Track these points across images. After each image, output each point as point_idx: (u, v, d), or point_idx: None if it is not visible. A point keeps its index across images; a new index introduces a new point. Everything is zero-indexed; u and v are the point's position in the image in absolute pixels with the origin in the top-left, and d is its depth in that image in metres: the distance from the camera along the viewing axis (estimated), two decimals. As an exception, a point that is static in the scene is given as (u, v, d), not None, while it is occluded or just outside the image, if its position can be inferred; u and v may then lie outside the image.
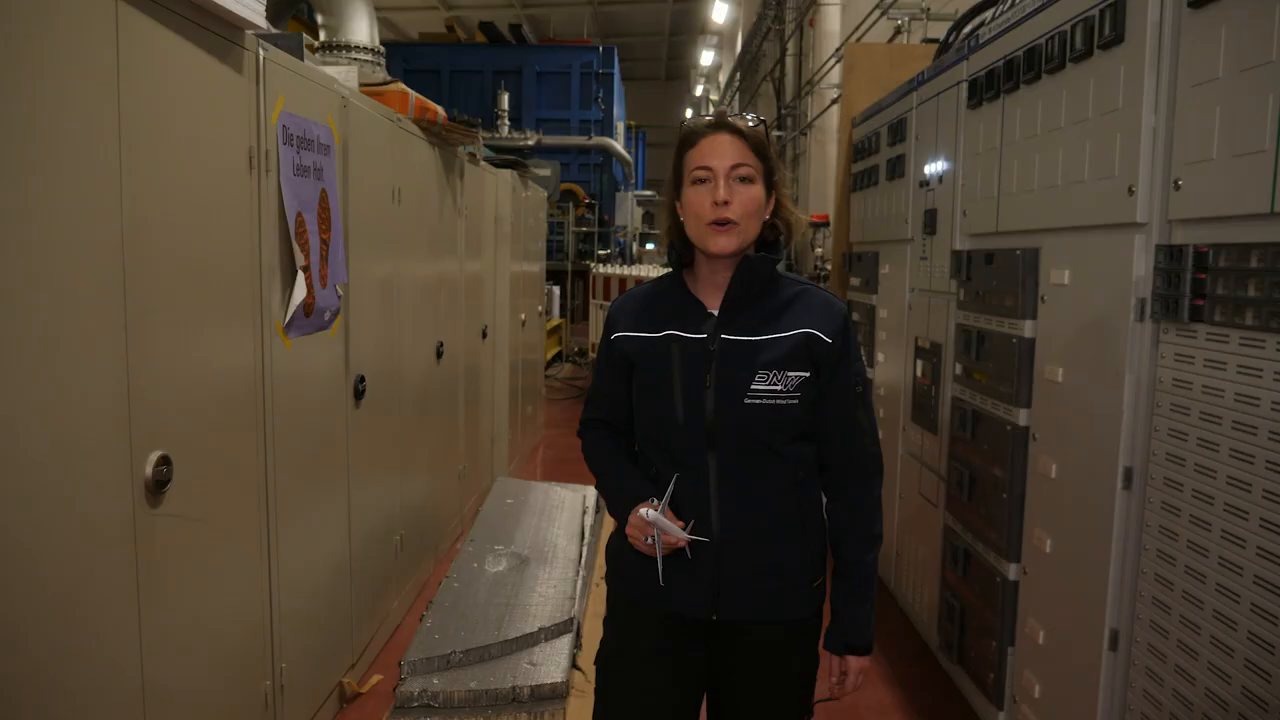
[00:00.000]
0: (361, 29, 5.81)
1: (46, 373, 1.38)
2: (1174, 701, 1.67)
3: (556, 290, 10.92)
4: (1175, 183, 1.69)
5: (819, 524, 1.61)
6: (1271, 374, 1.42)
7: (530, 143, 15.83)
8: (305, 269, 2.26)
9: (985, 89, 2.59)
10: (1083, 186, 2.02)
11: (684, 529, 1.48)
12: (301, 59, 2.33)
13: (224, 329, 1.95)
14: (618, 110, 19.04)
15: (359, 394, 2.77)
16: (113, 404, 1.53)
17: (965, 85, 2.77)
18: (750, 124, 1.51)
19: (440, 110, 3.50)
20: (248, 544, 2.09)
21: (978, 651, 2.61)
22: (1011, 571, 2.39)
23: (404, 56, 17.12)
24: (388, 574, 3.18)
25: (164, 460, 1.65)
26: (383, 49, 5.78)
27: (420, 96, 3.33)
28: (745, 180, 1.48)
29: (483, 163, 4.67)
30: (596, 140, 17.14)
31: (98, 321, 1.50)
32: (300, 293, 2.24)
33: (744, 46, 15.23)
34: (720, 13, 17.63)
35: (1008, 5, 2.66)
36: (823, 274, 6.06)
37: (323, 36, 4.74)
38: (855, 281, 4.28)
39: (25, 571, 1.34)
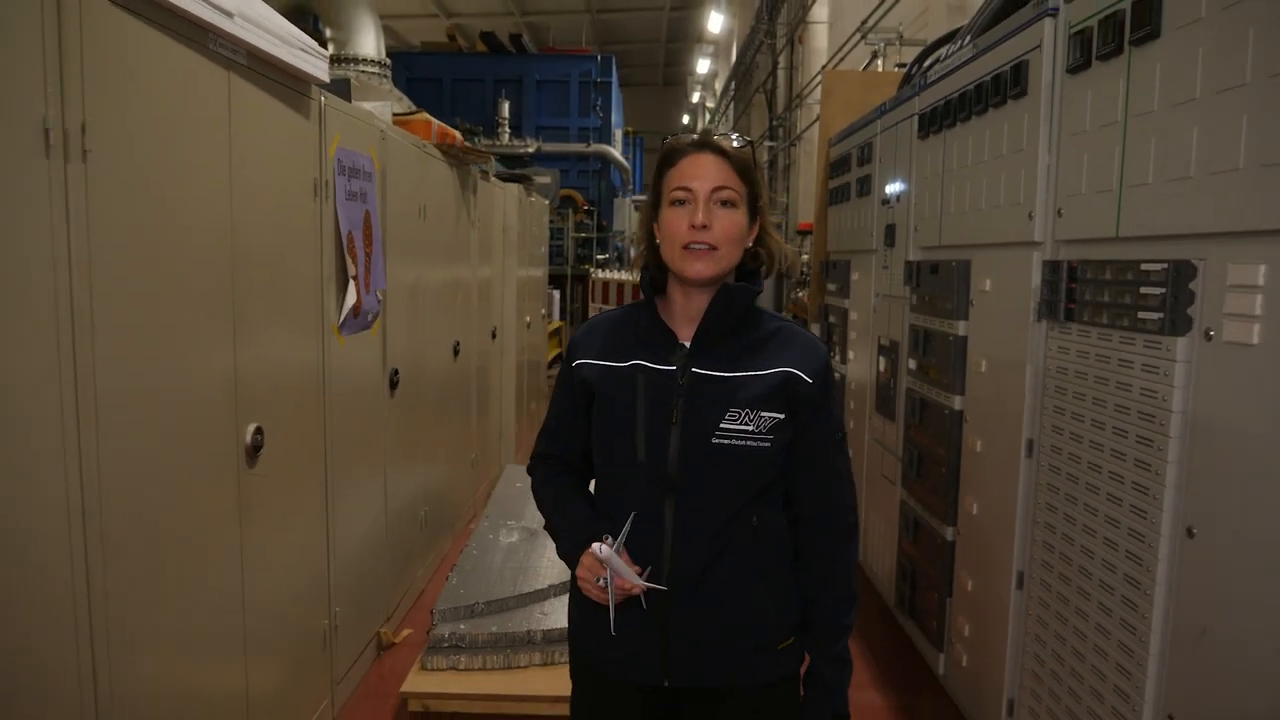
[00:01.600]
0: (369, 42, 6.21)
1: (186, 356, 1.82)
2: (1058, 621, 2.11)
3: (556, 294, 11.35)
4: (1058, 211, 2.13)
5: (786, 581, 1.48)
6: (1117, 360, 1.86)
7: (530, 150, 16.28)
8: (355, 277, 2.70)
9: (931, 123, 3.04)
10: (1000, 210, 2.46)
11: (640, 574, 1.36)
12: (349, 100, 2.78)
13: (296, 326, 2.39)
14: (616, 117, 19.48)
15: (393, 385, 3.21)
16: (225, 382, 1.97)
17: (916, 118, 3.21)
18: (736, 144, 1.42)
19: (458, 135, 3.94)
20: (313, 506, 2.53)
21: (924, 604, 3.05)
22: (949, 533, 2.83)
23: (407, 66, 17.49)
24: (414, 545, 3.62)
25: (259, 430, 2.09)
26: (389, 61, 6.18)
27: (441, 124, 3.77)
28: (727, 204, 1.38)
29: (492, 178, 5.11)
30: (595, 147, 17.58)
31: (218, 318, 1.94)
32: (351, 298, 2.67)
33: (738, 57, 15.69)
34: (716, 23, 18.08)
35: (957, 46, 3.11)
36: (808, 279, 6.50)
37: (331, 50, 5.03)
38: (831, 287, 4.72)
39: (161, 514, 1.77)
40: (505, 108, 16.85)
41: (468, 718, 2.73)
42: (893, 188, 3.57)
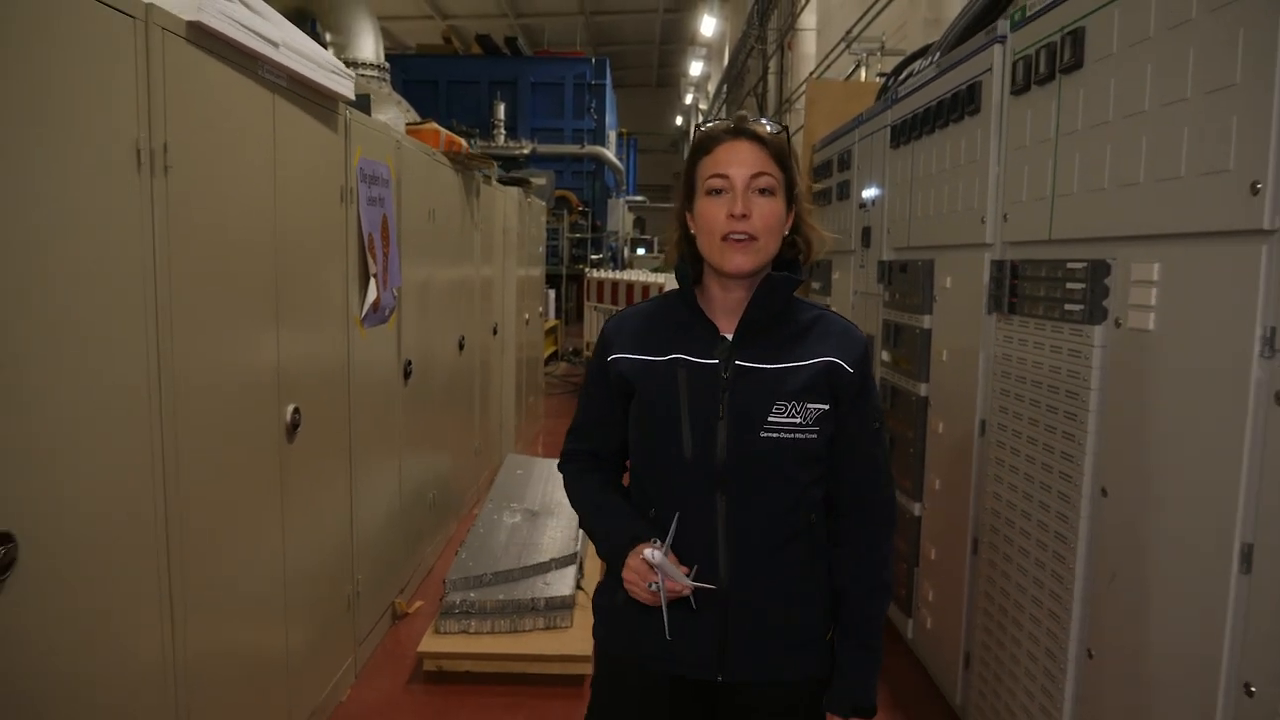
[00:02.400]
0: (368, 46, 6.46)
1: (240, 344, 2.09)
2: (1003, 579, 2.38)
3: (552, 293, 11.61)
4: (1004, 216, 2.41)
5: (827, 572, 1.47)
6: (1049, 347, 2.14)
7: (525, 151, 16.55)
8: (375, 275, 2.96)
9: (902, 134, 3.32)
10: (957, 215, 2.74)
11: (688, 574, 1.35)
12: (370, 114, 3.04)
13: (326, 319, 2.65)
14: (609, 119, 19.74)
15: (407, 375, 3.47)
16: (270, 367, 2.24)
17: (889, 129, 3.49)
18: (771, 131, 1.38)
19: (463, 142, 4.20)
20: (339, 482, 2.79)
21: (895, 575, 3.32)
22: (917, 509, 3.11)
23: (403, 68, 17.67)
24: (423, 525, 3.88)
25: (296, 410, 2.36)
26: (388, 65, 6.40)
27: (449, 133, 4.04)
28: (766, 192, 1.34)
29: (494, 181, 5.37)
30: (589, 149, 17.84)
31: (264, 310, 2.21)
32: (372, 294, 2.94)
33: (730, 60, 15.97)
34: (708, 26, 18.38)
35: (928, 62, 3.39)
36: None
37: (330, 54, 5.29)
38: (815, 285, 5.00)
39: (222, 485, 2.04)
40: (500, 110, 17.10)
41: (477, 676, 3.01)
42: (869, 193, 3.85)
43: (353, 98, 2.65)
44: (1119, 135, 1.83)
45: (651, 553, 1.32)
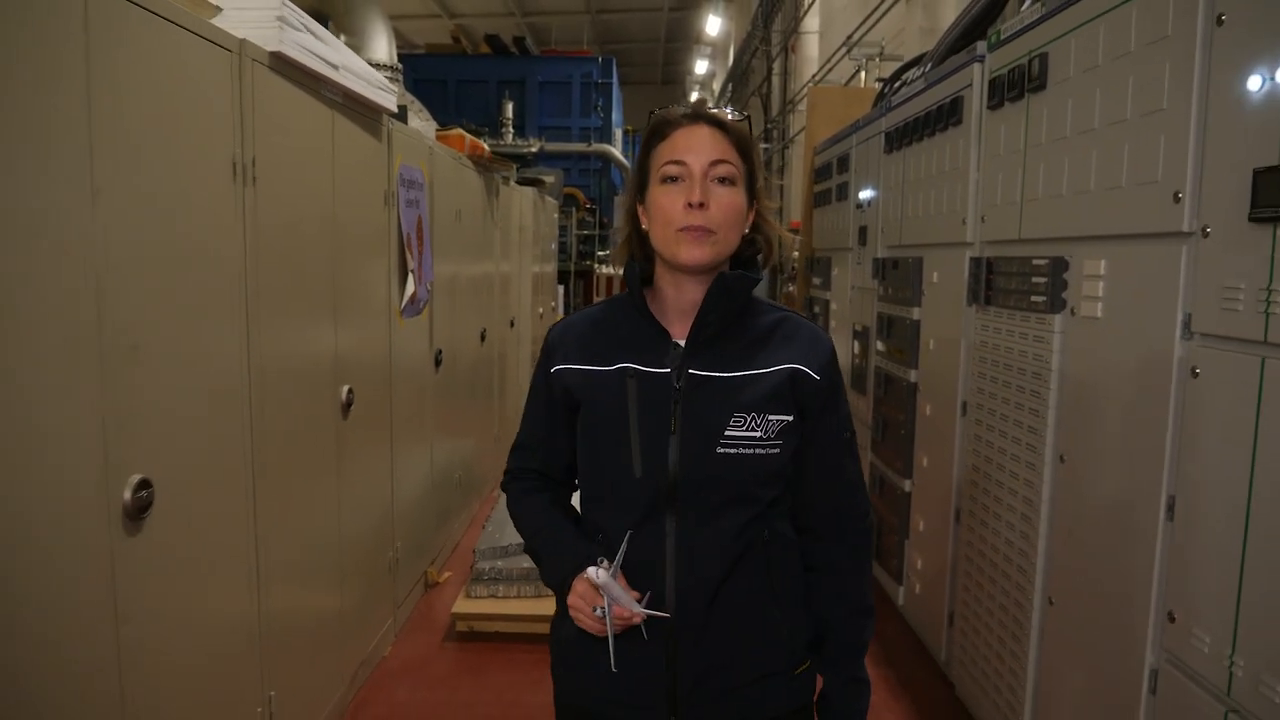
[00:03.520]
0: (381, 47, 6.74)
1: (307, 331, 2.38)
2: (980, 541, 2.67)
3: (561, 289, 11.90)
4: (982, 217, 2.69)
5: (798, 598, 1.35)
6: (1018, 334, 2.42)
7: (533, 149, 16.79)
8: (412, 271, 3.25)
9: (894, 141, 3.59)
10: (942, 216, 3.02)
11: (639, 600, 1.22)
12: (407, 123, 3.33)
13: (373, 310, 2.95)
14: (616, 117, 20.00)
15: (438, 363, 3.77)
16: (330, 352, 2.53)
17: (884, 135, 3.77)
18: (733, 117, 1.29)
19: (486, 147, 4.49)
20: (383, 458, 3.09)
21: (887, 547, 3.61)
22: (907, 485, 3.39)
23: (413, 67, 17.85)
24: (450, 503, 4.18)
25: (350, 390, 2.65)
26: (400, 66, 6.68)
27: (474, 138, 4.33)
28: (726, 181, 1.23)
29: (511, 182, 5.66)
30: (596, 147, 18.07)
31: (325, 301, 2.50)
32: (410, 288, 3.23)
33: (735, 60, 16.22)
34: (713, 25, 18.61)
35: (920, 72, 3.67)
36: (793, 275, 7.07)
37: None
38: (816, 281, 5.29)
39: (293, 458, 2.33)
40: (509, 108, 17.37)
41: (505, 636, 3.30)
42: (865, 194, 4.13)
43: (395, 110, 2.94)
44: (1074, 149, 2.11)
45: (595, 572, 1.19)
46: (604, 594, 1.19)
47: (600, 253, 16.70)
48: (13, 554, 1.30)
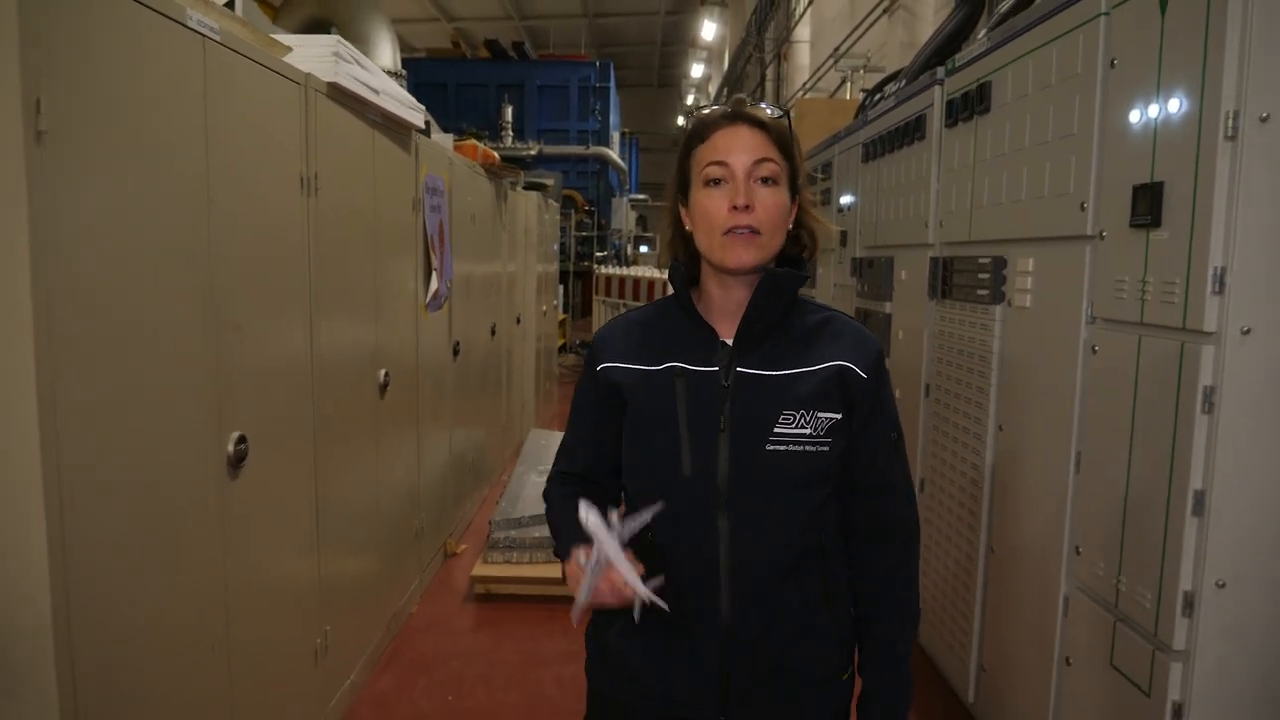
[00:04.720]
0: (385, 54, 7.06)
1: (354, 322, 2.75)
2: (940, 506, 3.04)
3: (560, 289, 12.28)
4: (940, 222, 3.07)
5: (847, 603, 1.36)
6: (968, 323, 2.79)
7: (532, 152, 17.17)
8: (436, 269, 3.63)
9: (871, 151, 3.97)
10: (909, 220, 3.40)
11: (643, 578, 1.13)
12: (430, 137, 3.70)
13: (403, 305, 3.32)
14: (613, 120, 20.38)
15: (456, 353, 4.14)
16: (371, 341, 2.90)
17: (862, 146, 4.15)
18: (772, 115, 1.28)
19: (496, 155, 4.86)
20: (411, 436, 3.46)
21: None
22: (880, 462, 3.77)
23: (414, 71, 18.14)
24: (465, 483, 4.55)
25: (386, 374, 3.02)
26: (404, 72, 7.02)
27: (485, 148, 4.70)
28: (769, 181, 1.23)
29: (518, 188, 6.04)
30: (594, 150, 18.45)
31: (368, 296, 2.87)
32: (434, 285, 3.60)
33: (730, 65, 16.60)
34: (709, 30, 19.03)
35: (897, 86, 4.04)
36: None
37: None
38: (803, 279, 5.67)
39: (339, 435, 2.69)
40: (508, 112, 17.73)
41: (519, 598, 3.67)
42: (846, 200, 4.51)
43: (423, 126, 3.31)
44: (1011, 164, 2.49)
45: (587, 513, 1.11)
46: (595, 546, 1.12)
47: (599, 254, 17.10)
48: (155, 490, 1.67)
